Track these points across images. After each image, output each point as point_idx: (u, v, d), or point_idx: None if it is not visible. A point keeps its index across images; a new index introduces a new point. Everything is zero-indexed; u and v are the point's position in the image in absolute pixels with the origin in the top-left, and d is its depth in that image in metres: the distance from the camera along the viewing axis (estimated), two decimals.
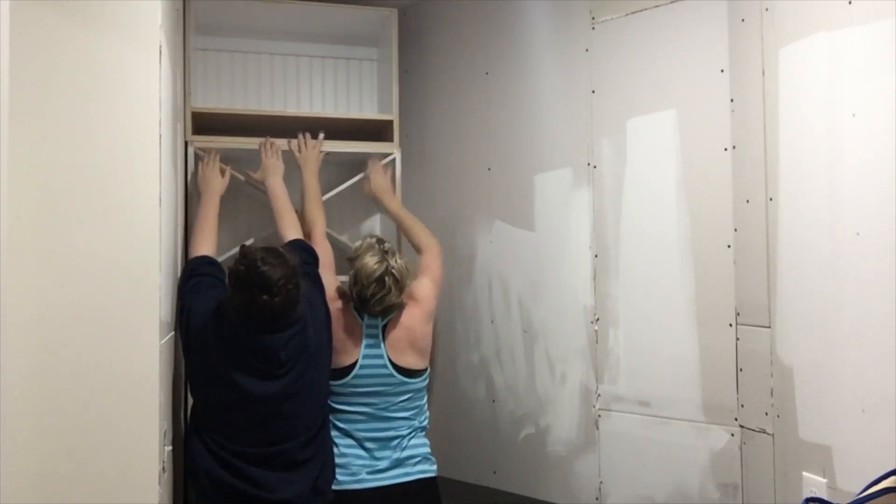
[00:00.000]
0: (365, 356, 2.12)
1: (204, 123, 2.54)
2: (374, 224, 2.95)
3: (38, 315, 1.38)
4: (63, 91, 1.42)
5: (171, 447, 1.79)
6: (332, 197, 2.65)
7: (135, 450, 1.49)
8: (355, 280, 2.11)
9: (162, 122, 1.63)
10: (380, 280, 2.08)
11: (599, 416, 2.33)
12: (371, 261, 2.10)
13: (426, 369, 2.21)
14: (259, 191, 2.59)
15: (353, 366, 2.11)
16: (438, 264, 2.36)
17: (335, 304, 2.17)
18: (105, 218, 1.46)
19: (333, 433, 2.13)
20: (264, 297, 1.80)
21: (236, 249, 2.51)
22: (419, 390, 2.19)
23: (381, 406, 2.12)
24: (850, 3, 1.63)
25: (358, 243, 2.22)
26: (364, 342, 2.13)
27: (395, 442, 2.13)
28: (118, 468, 1.46)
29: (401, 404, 2.14)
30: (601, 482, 2.32)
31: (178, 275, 2.18)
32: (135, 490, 1.48)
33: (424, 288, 2.26)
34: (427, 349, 2.21)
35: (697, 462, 2.12)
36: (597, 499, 2.33)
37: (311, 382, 1.99)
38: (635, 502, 2.24)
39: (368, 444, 2.11)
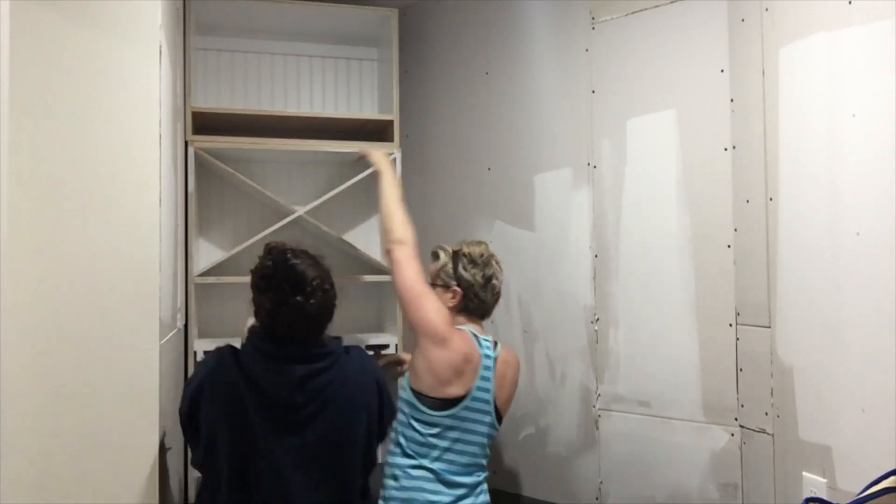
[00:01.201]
0: (478, 388, 1.93)
1: (204, 123, 2.54)
2: (375, 224, 2.95)
3: (37, 315, 1.38)
4: (63, 91, 1.42)
5: (171, 447, 1.79)
6: (331, 197, 2.65)
7: (135, 450, 1.49)
8: (485, 284, 2.03)
9: (162, 122, 1.63)
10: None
11: (599, 416, 2.33)
12: (497, 268, 2.08)
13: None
14: (260, 190, 2.59)
15: (463, 397, 1.90)
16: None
17: (452, 328, 1.94)
18: (105, 218, 1.46)
19: (422, 473, 1.89)
20: (297, 297, 1.52)
21: (237, 249, 2.53)
22: (493, 437, 2.03)
23: (472, 448, 1.95)
24: (850, 3, 1.63)
25: (475, 249, 2.07)
26: (480, 373, 1.94)
27: (476, 488, 1.98)
28: (118, 468, 1.46)
29: (484, 449, 2.00)
30: (601, 482, 2.32)
31: (179, 275, 2.17)
32: (135, 490, 1.48)
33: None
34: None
35: (697, 462, 2.12)
36: (597, 499, 2.33)
37: (341, 444, 1.60)
38: (635, 502, 2.24)
39: (459, 490, 1.92)
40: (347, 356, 1.66)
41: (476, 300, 2.04)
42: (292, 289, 1.53)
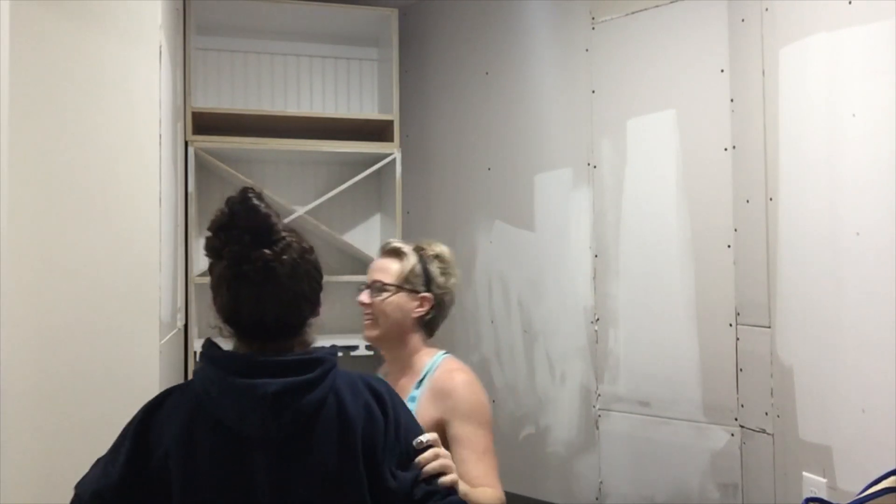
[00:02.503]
0: None
1: (204, 123, 2.54)
2: (375, 224, 2.95)
3: (38, 315, 1.38)
4: (63, 91, 1.42)
5: None
6: (332, 197, 2.65)
7: None
8: (453, 293, 1.68)
9: (162, 122, 1.63)
10: None
11: (599, 416, 2.33)
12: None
13: None
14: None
15: None
16: None
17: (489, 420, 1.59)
18: (105, 218, 1.46)
19: None
20: (263, 249, 1.06)
21: None
22: None
23: None
24: (850, 3, 1.63)
25: (444, 250, 1.69)
26: None
27: None
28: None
29: None
30: (601, 482, 2.32)
31: (179, 275, 2.17)
32: None
33: None
34: None
35: (697, 462, 2.12)
36: (597, 499, 2.33)
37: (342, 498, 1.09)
38: (635, 502, 2.24)
39: None
40: (341, 370, 1.15)
41: (443, 312, 1.66)
42: (255, 238, 1.06)
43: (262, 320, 1.08)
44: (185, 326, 2.39)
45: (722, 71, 2.09)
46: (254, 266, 1.06)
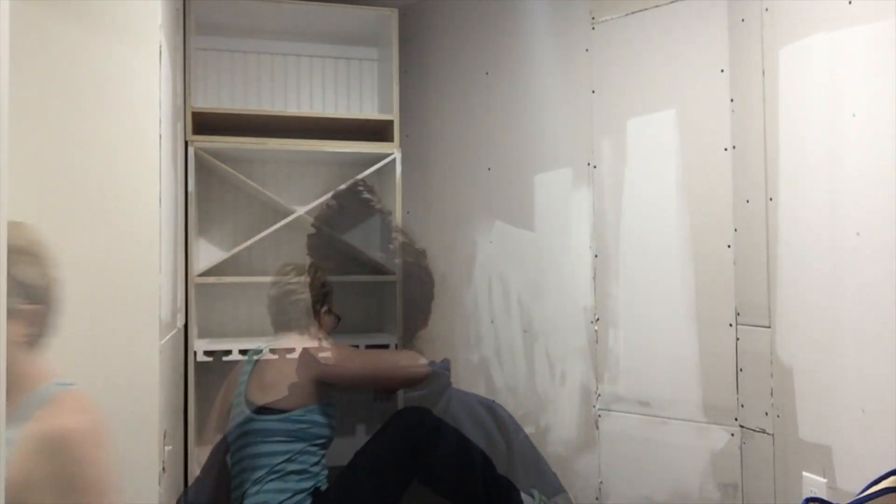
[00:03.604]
0: None
1: (204, 123, 2.54)
2: (375, 224, 2.95)
3: None
4: (63, 91, 1.42)
5: (171, 447, 1.79)
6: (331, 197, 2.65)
7: (135, 450, 1.49)
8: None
9: (162, 122, 1.63)
10: None
11: (599, 416, 2.33)
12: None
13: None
14: (260, 190, 2.60)
15: None
16: None
17: None
18: (105, 218, 1.46)
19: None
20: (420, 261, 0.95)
21: (237, 249, 2.53)
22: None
23: None
24: (850, 3, 1.63)
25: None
26: None
27: None
28: (118, 468, 1.46)
29: None
30: (601, 482, 2.32)
31: (179, 275, 2.17)
32: (135, 490, 1.48)
33: None
34: None
35: (697, 462, 2.12)
36: (597, 499, 2.33)
37: None
38: (635, 502, 2.24)
39: None
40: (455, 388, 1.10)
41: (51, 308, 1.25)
42: (425, 287, 0.93)
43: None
44: (185, 326, 2.39)
45: (722, 71, 2.09)
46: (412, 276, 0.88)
